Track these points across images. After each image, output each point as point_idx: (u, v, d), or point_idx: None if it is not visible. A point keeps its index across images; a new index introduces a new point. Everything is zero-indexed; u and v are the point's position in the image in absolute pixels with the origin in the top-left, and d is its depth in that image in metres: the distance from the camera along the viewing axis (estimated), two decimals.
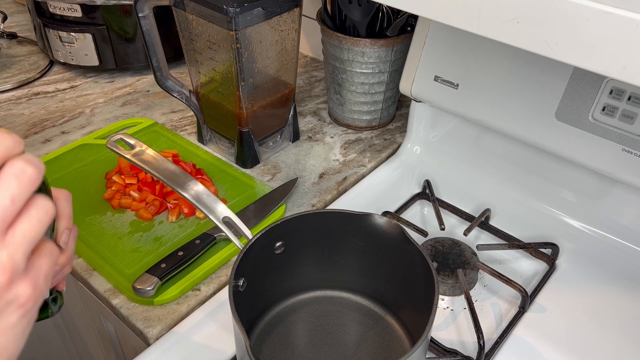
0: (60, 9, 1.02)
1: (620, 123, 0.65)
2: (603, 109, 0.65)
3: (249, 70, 0.79)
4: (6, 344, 0.33)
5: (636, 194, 0.70)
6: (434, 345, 0.63)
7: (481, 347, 0.61)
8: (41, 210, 0.34)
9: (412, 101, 0.86)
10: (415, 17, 0.84)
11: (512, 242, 0.75)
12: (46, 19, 1.04)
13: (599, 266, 0.73)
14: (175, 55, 0.93)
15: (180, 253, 0.70)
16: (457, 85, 0.77)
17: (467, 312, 0.66)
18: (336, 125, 0.99)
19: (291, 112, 0.91)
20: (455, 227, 0.79)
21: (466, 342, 0.64)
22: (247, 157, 0.87)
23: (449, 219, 0.80)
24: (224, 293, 0.69)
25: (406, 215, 0.80)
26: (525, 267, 0.74)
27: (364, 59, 0.87)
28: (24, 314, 0.34)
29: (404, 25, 0.86)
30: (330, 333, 0.63)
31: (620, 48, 0.37)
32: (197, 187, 0.59)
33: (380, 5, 0.86)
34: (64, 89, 1.07)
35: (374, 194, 0.84)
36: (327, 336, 0.63)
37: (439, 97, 0.79)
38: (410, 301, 0.60)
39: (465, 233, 0.75)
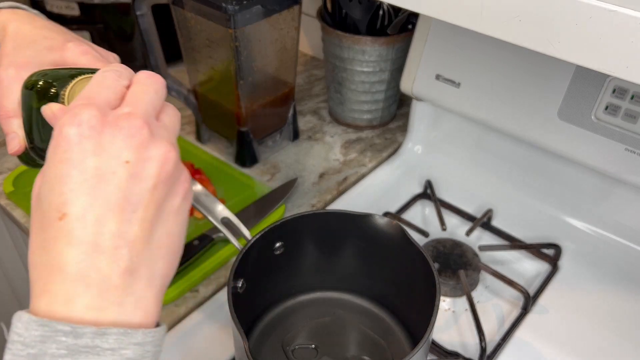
0: (57, 7, 1.01)
1: (623, 122, 0.64)
2: (606, 108, 0.65)
3: (248, 69, 0.78)
4: (176, 230, 0.32)
5: (639, 194, 0.70)
6: (435, 347, 0.62)
7: (483, 349, 0.60)
8: (172, 108, 0.36)
9: (413, 100, 0.86)
10: (416, 15, 0.83)
11: (514, 243, 0.75)
12: None
13: (601, 267, 0.72)
14: (173, 53, 0.93)
15: None
16: (459, 84, 0.76)
17: (469, 313, 0.65)
18: (336, 124, 0.98)
19: (291, 111, 0.90)
20: (456, 228, 0.78)
21: (468, 343, 0.64)
22: (246, 156, 0.87)
23: (451, 219, 0.80)
24: (223, 294, 0.69)
25: (407, 215, 0.80)
26: (528, 268, 0.73)
27: (365, 57, 0.86)
28: (185, 195, 0.33)
29: (405, 24, 0.86)
30: (330, 335, 0.63)
31: (623, 47, 0.37)
32: (195, 187, 0.59)
33: (380, 3, 0.85)
34: None
35: (374, 194, 0.84)
36: (327, 338, 0.62)
37: (440, 96, 0.79)
38: (411, 302, 0.60)
39: (467, 234, 0.74)
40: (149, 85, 0.35)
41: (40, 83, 0.41)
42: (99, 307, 0.29)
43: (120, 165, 0.29)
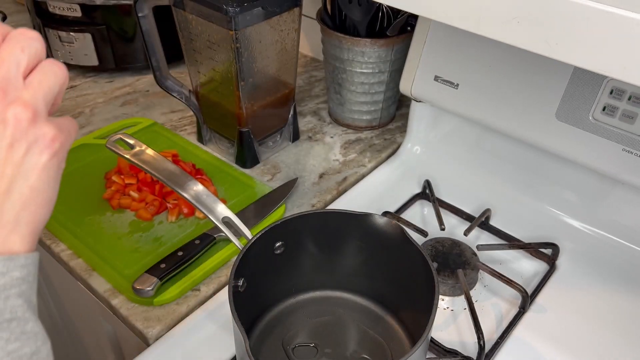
0: (59, 8, 1.02)
1: (620, 123, 0.65)
2: (603, 109, 0.65)
3: (248, 70, 0.78)
4: (41, 185, 0.35)
5: (637, 194, 0.70)
6: (434, 345, 0.63)
7: (481, 348, 0.61)
8: (55, 66, 0.37)
9: (412, 101, 0.86)
10: (415, 17, 0.83)
11: (512, 242, 0.75)
12: (46, 19, 1.04)
13: (599, 266, 0.72)
14: (174, 55, 0.93)
15: (180, 253, 0.69)
16: (457, 85, 0.77)
17: (468, 312, 0.66)
18: (336, 125, 0.99)
19: (291, 112, 0.91)
20: (455, 227, 0.79)
21: (466, 342, 0.64)
22: (247, 157, 0.87)
23: (449, 219, 0.80)
24: (224, 293, 0.69)
25: (406, 215, 0.80)
26: (526, 267, 0.73)
27: (364, 58, 0.87)
28: (53, 154, 0.36)
29: (404, 25, 0.86)
30: (330, 334, 0.63)
31: (621, 48, 0.37)
32: (196, 187, 0.59)
33: (380, 4, 0.85)
34: None
35: (374, 194, 0.84)
36: (327, 337, 0.63)
37: (439, 97, 0.79)
38: (411, 301, 0.60)
39: (466, 233, 0.74)
40: (16, 43, 0.36)
41: None
42: None
43: None
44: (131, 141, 0.64)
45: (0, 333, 0.33)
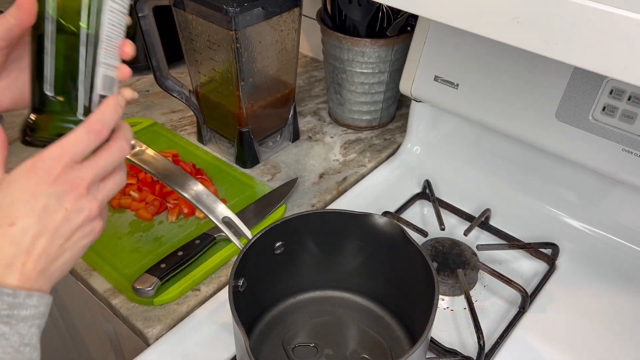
0: None
1: (620, 123, 0.65)
2: (603, 109, 0.65)
3: (248, 70, 0.79)
4: (78, 255, 0.46)
5: (636, 194, 0.70)
6: (434, 345, 0.63)
7: (481, 347, 0.61)
8: (122, 177, 0.47)
9: (412, 101, 0.86)
10: (415, 17, 0.83)
11: (512, 242, 0.75)
12: None
13: (599, 266, 0.72)
14: (174, 55, 0.93)
15: (180, 253, 0.70)
16: (457, 85, 0.77)
17: (467, 312, 0.66)
18: (336, 125, 0.99)
19: (291, 112, 0.91)
20: (455, 227, 0.79)
21: (466, 342, 0.64)
22: (247, 157, 0.87)
23: (449, 219, 0.80)
24: (224, 293, 0.69)
25: (406, 215, 0.80)
26: (526, 267, 0.74)
27: (364, 58, 0.87)
28: (95, 238, 0.46)
29: (404, 25, 0.86)
30: (330, 334, 0.63)
31: (621, 48, 0.37)
32: (196, 187, 0.59)
33: (380, 5, 0.86)
34: None
35: (374, 194, 0.84)
36: (327, 337, 0.63)
37: (439, 97, 0.79)
38: (410, 301, 0.60)
39: (465, 233, 0.75)
40: (111, 157, 0.45)
41: None
42: (16, 288, 0.41)
43: (62, 209, 0.42)
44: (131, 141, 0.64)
45: (18, 355, 0.40)
